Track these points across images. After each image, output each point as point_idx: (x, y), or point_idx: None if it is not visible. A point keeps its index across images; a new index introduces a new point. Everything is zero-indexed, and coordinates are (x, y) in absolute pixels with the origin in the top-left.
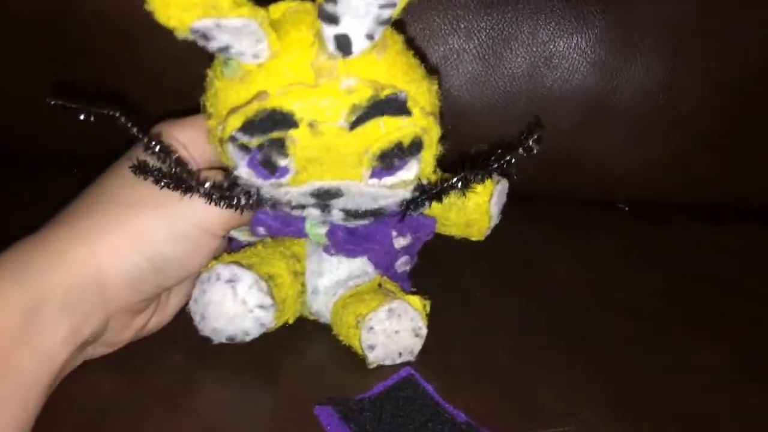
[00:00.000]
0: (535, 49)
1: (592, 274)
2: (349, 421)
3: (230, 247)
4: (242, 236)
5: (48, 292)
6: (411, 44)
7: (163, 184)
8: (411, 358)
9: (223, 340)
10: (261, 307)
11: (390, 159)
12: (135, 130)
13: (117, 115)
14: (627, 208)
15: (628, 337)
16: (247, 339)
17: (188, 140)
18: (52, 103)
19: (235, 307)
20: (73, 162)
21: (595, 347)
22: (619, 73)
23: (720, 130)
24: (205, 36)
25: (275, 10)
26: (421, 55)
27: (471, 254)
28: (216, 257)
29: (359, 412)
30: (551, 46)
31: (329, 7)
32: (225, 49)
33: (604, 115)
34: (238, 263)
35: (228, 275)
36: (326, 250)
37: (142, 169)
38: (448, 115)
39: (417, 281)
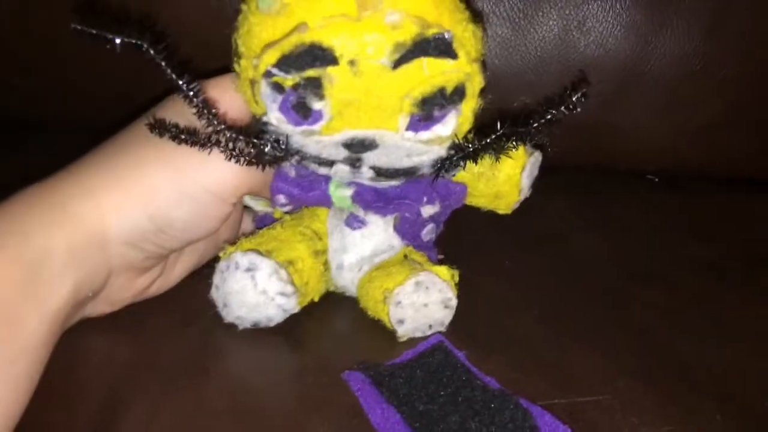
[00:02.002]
0: (567, 12)
1: (622, 245)
2: (380, 387)
3: (255, 221)
4: (259, 206)
5: (51, 247)
6: None
7: (181, 139)
8: (442, 329)
9: (248, 326)
10: (282, 294)
11: (431, 106)
12: (163, 63)
13: (145, 45)
14: (656, 179)
15: (660, 306)
16: (272, 324)
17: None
18: (77, 28)
19: (256, 296)
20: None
21: (628, 317)
22: (655, 36)
23: (758, 98)
24: None
25: None
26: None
27: (499, 224)
28: (232, 242)
29: (390, 377)
30: (584, 9)
31: None
32: None
33: (639, 80)
34: (257, 251)
35: (246, 264)
36: (349, 223)
37: (158, 126)
38: None
39: (444, 251)
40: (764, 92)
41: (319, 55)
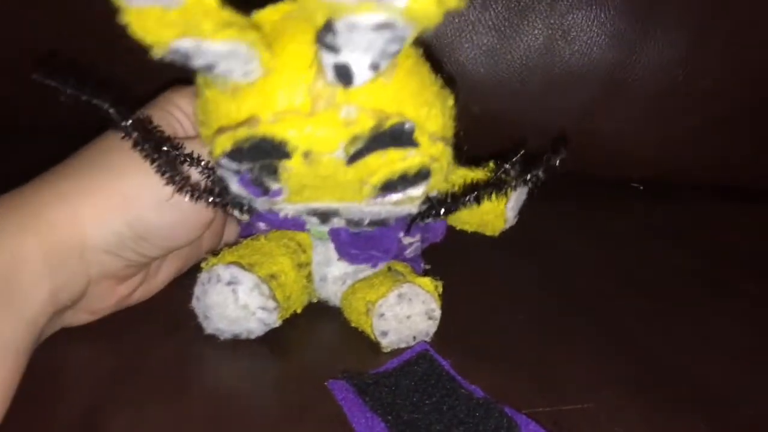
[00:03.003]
0: (552, 22)
1: (606, 252)
2: (365, 395)
3: (240, 227)
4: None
5: (25, 253)
6: (428, 53)
7: (155, 168)
8: (427, 339)
9: (228, 338)
10: (263, 309)
11: (393, 188)
12: (123, 125)
13: (105, 106)
14: (641, 188)
15: (645, 314)
16: (252, 336)
17: (192, 110)
18: (38, 78)
19: (237, 311)
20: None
21: (613, 325)
22: (639, 46)
23: (739, 108)
24: (187, 56)
25: (274, 11)
26: (437, 65)
27: None
28: (215, 251)
29: (375, 385)
30: (569, 18)
31: (327, 38)
32: (209, 67)
33: (622, 90)
34: (239, 264)
35: (228, 277)
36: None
37: (126, 132)
38: (462, 89)
39: (430, 259)
40: (747, 102)
41: (270, 149)
